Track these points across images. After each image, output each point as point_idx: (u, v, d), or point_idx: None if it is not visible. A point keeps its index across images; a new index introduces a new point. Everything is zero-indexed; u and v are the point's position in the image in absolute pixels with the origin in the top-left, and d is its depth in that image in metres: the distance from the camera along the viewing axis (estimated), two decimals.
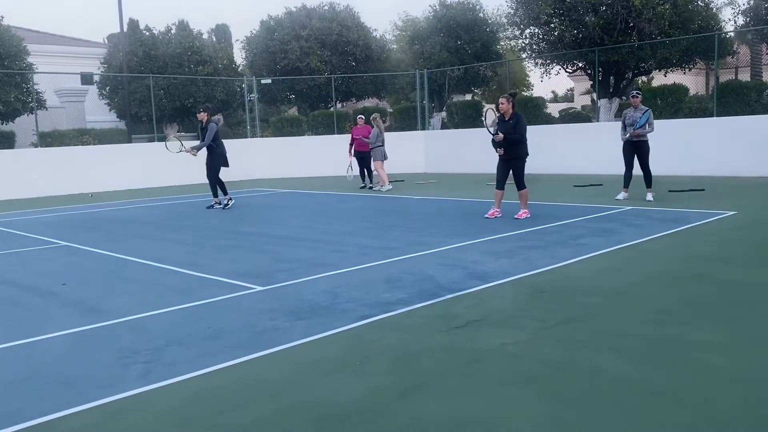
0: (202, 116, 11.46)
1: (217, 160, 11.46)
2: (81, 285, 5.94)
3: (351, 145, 15.13)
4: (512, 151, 8.74)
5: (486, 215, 9.03)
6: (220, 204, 11.75)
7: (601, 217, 8.90)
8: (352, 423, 2.93)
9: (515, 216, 8.84)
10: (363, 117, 15.39)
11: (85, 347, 4.13)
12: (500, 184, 8.99)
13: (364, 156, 14.99)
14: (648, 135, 10.46)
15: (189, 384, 3.44)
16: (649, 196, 10.47)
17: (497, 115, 8.95)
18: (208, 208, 11.77)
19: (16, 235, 9.51)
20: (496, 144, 8.76)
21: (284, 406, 3.12)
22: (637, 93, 10.65)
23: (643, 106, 10.54)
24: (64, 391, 3.39)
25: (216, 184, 11.63)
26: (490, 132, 8.79)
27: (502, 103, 8.71)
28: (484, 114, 9.35)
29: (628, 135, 10.47)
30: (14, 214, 12.47)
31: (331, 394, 3.26)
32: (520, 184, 8.87)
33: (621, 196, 10.68)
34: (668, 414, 2.89)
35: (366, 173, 15.24)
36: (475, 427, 2.84)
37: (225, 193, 11.69)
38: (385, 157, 14.61)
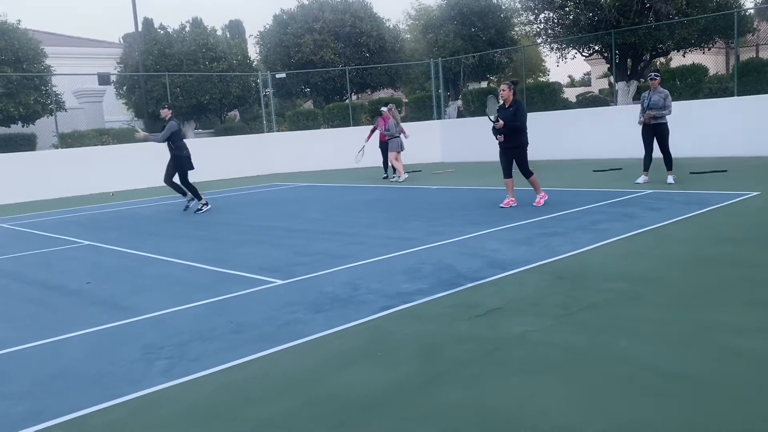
0: (166, 113, 11.05)
1: (185, 163, 11.11)
2: (104, 283, 6.02)
3: (372, 131, 15.24)
4: (512, 140, 8.65)
5: (501, 205, 8.98)
6: (191, 202, 11.31)
7: (622, 201, 8.81)
8: (377, 412, 2.94)
9: (534, 203, 8.81)
10: (387, 108, 15.14)
11: (111, 344, 4.19)
12: (507, 173, 8.93)
13: (386, 146, 14.95)
14: (667, 117, 10.32)
15: (213, 378, 3.48)
16: (670, 179, 10.35)
17: (499, 102, 8.86)
18: (197, 212, 11.07)
19: (39, 235, 9.66)
20: (496, 131, 8.69)
21: (308, 398, 3.15)
22: (655, 75, 10.49)
23: (661, 89, 10.40)
24: (92, 388, 3.44)
25: (187, 187, 11.18)
26: (490, 119, 8.70)
27: (503, 90, 8.63)
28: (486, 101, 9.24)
29: (642, 118, 10.37)
30: (37, 215, 12.67)
31: (354, 384, 3.27)
32: (527, 173, 8.80)
33: (641, 179, 10.58)
34: (694, 398, 2.86)
35: (389, 164, 15.17)
36: (499, 414, 2.84)
37: (199, 198, 11.19)
38: (401, 148, 14.59)
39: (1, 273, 6.92)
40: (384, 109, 15.15)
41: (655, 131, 10.37)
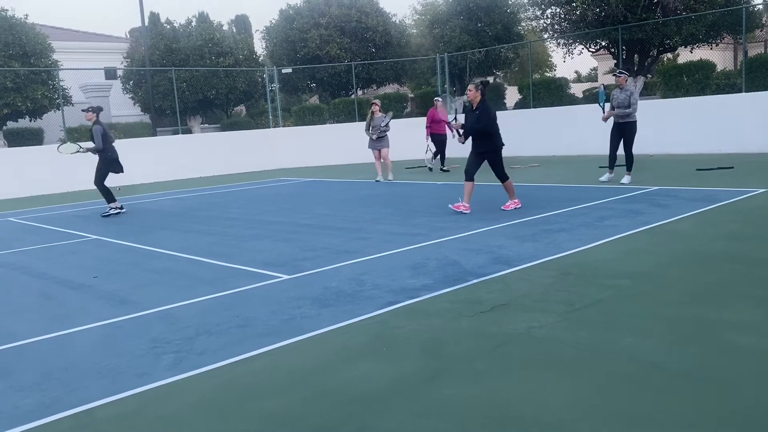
0: (90, 117, 10.51)
1: (106, 165, 10.59)
2: (111, 277, 6.06)
3: (428, 127, 14.88)
4: (482, 144, 8.20)
5: (451, 206, 8.37)
6: (115, 210, 10.74)
7: (628, 198, 8.79)
8: (382, 407, 2.96)
9: (502, 207, 8.34)
10: (440, 99, 14.56)
11: (118, 338, 4.23)
12: (468, 175, 8.33)
13: (442, 139, 14.65)
14: (635, 116, 10.17)
15: (219, 372, 3.51)
16: (626, 179, 10.21)
17: (467, 103, 8.49)
18: (104, 216, 10.59)
19: (46, 229, 9.72)
20: (459, 133, 8.46)
21: (314, 392, 3.17)
22: (620, 72, 10.27)
23: (627, 86, 10.22)
24: (100, 381, 3.48)
25: (102, 189, 10.70)
26: (448, 122, 8.27)
27: (470, 91, 8.16)
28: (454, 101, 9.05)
29: (606, 116, 10.28)
30: (44, 209, 12.75)
31: (359, 379, 3.29)
32: (502, 177, 8.32)
33: (605, 177, 10.47)
34: (698, 395, 2.87)
35: (440, 156, 14.82)
36: (504, 409, 2.86)
37: (111, 201, 10.75)
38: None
39: (9, 266, 6.97)
40: (438, 99, 14.54)
41: (622, 130, 10.21)
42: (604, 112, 10.56)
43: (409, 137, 19.04)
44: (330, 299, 4.76)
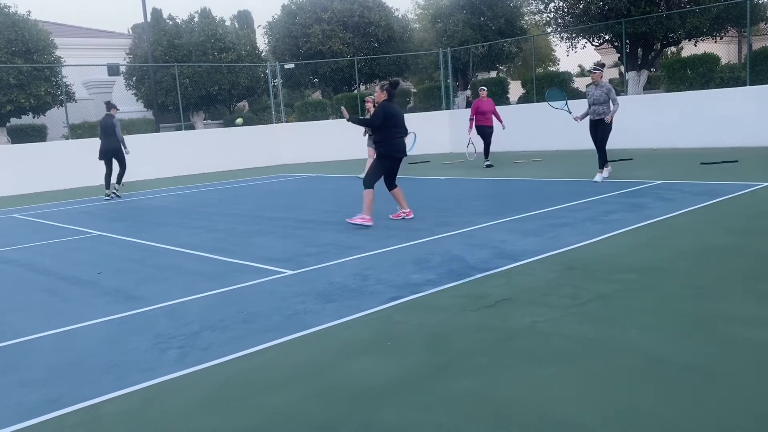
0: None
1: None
2: (116, 273, 6.08)
3: (472, 120, 13.99)
4: (375, 146, 7.66)
5: (391, 216, 7.87)
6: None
7: (631, 192, 8.77)
8: (386, 401, 2.97)
9: (391, 215, 7.75)
10: (485, 88, 14.19)
11: (123, 333, 4.24)
12: (387, 185, 7.82)
13: (488, 131, 13.88)
14: (618, 113, 9.81)
15: (224, 367, 3.52)
16: (598, 177, 9.93)
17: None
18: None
19: (51, 225, 9.75)
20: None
21: (318, 387, 3.18)
22: (596, 68, 9.87)
23: (603, 82, 9.82)
24: (106, 376, 3.49)
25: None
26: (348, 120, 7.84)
27: (376, 92, 7.76)
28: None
29: (578, 116, 9.96)
30: (48, 206, 12.77)
31: (363, 374, 3.30)
32: (365, 181, 7.55)
33: (598, 177, 9.94)
34: (703, 388, 2.87)
35: (485, 150, 14.15)
36: (508, 404, 2.86)
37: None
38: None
39: (15, 263, 7.00)
40: (483, 88, 14.03)
41: (596, 127, 9.90)
42: (571, 114, 10.08)
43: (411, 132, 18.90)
44: (334, 294, 4.77)
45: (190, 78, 22.63)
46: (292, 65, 22.89)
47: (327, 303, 4.56)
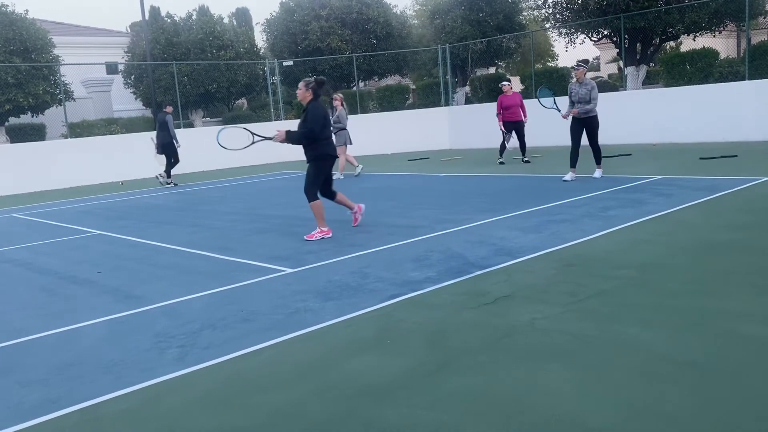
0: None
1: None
2: (115, 272, 6.08)
3: (499, 114, 13.80)
4: (306, 151, 6.89)
5: (306, 237, 6.90)
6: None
7: (630, 187, 8.77)
8: (386, 400, 2.97)
9: (306, 236, 6.90)
10: (508, 83, 13.94)
11: (123, 333, 4.24)
12: (322, 192, 7.09)
13: (515, 126, 13.70)
14: (597, 109, 9.73)
15: (224, 366, 3.52)
16: (597, 174, 9.89)
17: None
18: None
19: (50, 225, 9.74)
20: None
21: (318, 385, 3.18)
22: (579, 65, 9.79)
23: (587, 80, 9.72)
24: (106, 376, 3.49)
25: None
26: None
27: (299, 89, 6.87)
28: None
29: (564, 112, 9.87)
30: (48, 205, 12.77)
31: (364, 372, 3.30)
32: (307, 194, 6.89)
33: (569, 177, 9.78)
34: (702, 385, 2.87)
35: (520, 146, 13.86)
36: (507, 401, 2.86)
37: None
38: (349, 142, 13.62)
39: (14, 262, 7.00)
40: (505, 83, 13.80)
41: (584, 125, 9.78)
42: (560, 112, 10.02)
43: (410, 129, 18.98)
44: (334, 292, 4.77)
45: (189, 76, 22.60)
46: (290, 62, 22.84)
47: (327, 301, 4.56)
